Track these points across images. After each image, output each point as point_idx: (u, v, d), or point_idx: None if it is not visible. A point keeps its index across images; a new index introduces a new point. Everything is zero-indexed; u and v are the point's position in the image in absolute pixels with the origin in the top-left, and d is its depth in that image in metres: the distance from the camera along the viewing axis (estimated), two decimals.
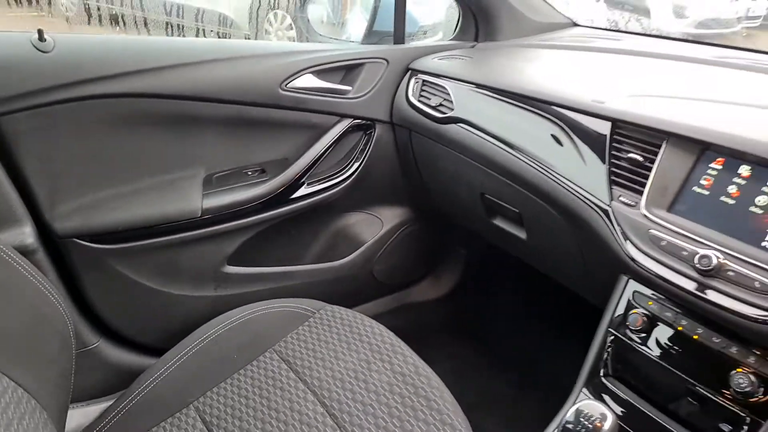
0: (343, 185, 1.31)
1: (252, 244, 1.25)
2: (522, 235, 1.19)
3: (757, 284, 0.70)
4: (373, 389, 0.87)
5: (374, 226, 1.48)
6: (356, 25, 1.75)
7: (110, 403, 0.90)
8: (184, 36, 1.60)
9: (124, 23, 1.46)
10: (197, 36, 1.67)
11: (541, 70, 1.19)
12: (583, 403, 0.68)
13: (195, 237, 1.15)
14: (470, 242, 1.67)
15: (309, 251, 1.41)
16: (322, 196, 1.29)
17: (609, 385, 0.88)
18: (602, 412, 0.66)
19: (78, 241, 1.03)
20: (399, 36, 1.36)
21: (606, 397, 0.87)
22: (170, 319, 1.21)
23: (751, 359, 0.73)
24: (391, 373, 0.90)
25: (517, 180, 1.08)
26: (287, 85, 1.17)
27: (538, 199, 1.05)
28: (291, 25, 2.05)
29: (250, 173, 1.22)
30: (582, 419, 0.66)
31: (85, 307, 1.12)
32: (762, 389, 0.72)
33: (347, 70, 1.27)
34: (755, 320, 0.70)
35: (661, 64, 1.12)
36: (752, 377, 0.72)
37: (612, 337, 0.89)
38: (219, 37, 1.83)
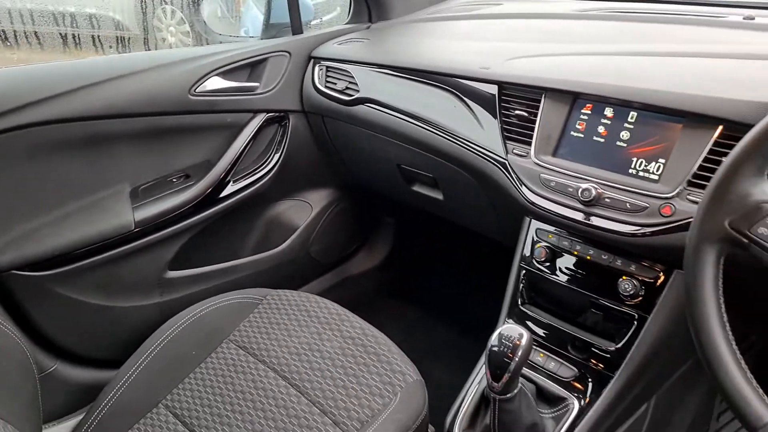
0: (267, 177, 1.37)
1: (190, 246, 1.30)
2: (439, 196, 1.30)
3: (628, 205, 0.85)
4: (328, 356, 0.96)
5: (304, 210, 1.55)
6: (252, 18, 1.78)
7: (81, 417, 0.94)
8: (81, 47, 1.57)
9: (16, 39, 1.40)
10: (95, 45, 1.64)
11: (432, 43, 1.29)
12: (503, 327, 0.80)
13: (132, 249, 1.18)
14: (397, 210, 1.77)
15: (247, 244, 1.47)
16: (249, 191, 1.35)
17: (527, 311, 1.02)
18: (519, 332, 0.78)
19: (17, 272, 1.05)
20: (296, 26, 1.42)
21: (528, 322, 1.01)
22: (122, 331, 1.24)
23: (633, 267, 0.88)
24: (341, 339, 0.99)
25: (426, 148, 1.18)
26: (196, 90, 1.21)
27: (447, 162, 1.16)
28: (183, 19, 2.03)
29: (175, 180, 1.26)
30: (503, 340, 0.78)
31: (37, 334, 1.14)
32: (643, 290, 0.87)
33: (252, 67, 1.32)
34: (631, 235, 0.84)
35: (537, 24, 1.25)
36: (635, 281, 0.87)
37: (524, 271, 1.02)
38: (118, 43, 1.80)
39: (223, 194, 1.30)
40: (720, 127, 0.78)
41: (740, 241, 0.56)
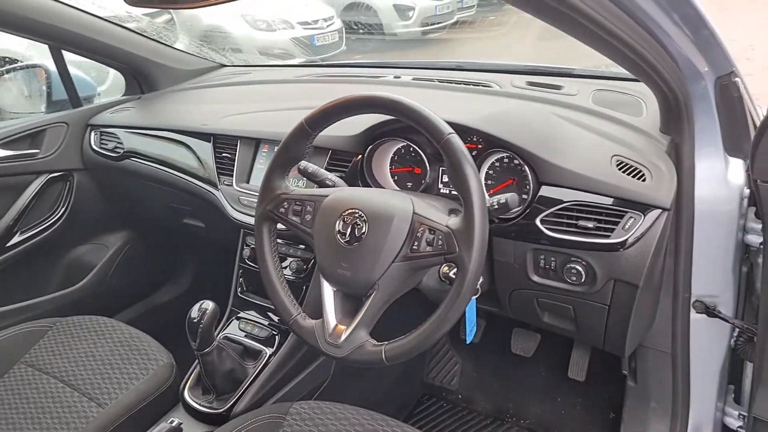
0: (56, 226, 1.66)
1: None
2: (201, 224, 1.65)
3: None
4: (100, 357, 1.25)
5: (101, 251, 1.83)
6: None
7: None
8: None
9: None
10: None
11: (177, 107, 1.66)
12: (200, 303, 1.13)
13: None
14: (192, 243, 2.08)
15: (48, 284, 1.72)
16: (38, 239, 1.62)
17: (244, 297, 1.39)
18: (208, 304, 1.13)
19: None
20: (74, 101, 1.74)
21: (245, 304, 1.38)
22: None
23: (299, 252, 1.28)
24: (112, 344, 1.29)
25: (179, 188, 1.53)
26: None
27: (193, 197, 1.51)
28: None
29: None
30: (198, 312, 1.12)
31: None
32: (303, 263, 1.27)
33: (32, 137, 1.61)
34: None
35: (254, 89, 1.67)
36: (297, 261, 1.27)
37: (241, 270, 1.40)
38: None
39: (11, 243, 1.56)
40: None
41: (274, 218, 0.97)
